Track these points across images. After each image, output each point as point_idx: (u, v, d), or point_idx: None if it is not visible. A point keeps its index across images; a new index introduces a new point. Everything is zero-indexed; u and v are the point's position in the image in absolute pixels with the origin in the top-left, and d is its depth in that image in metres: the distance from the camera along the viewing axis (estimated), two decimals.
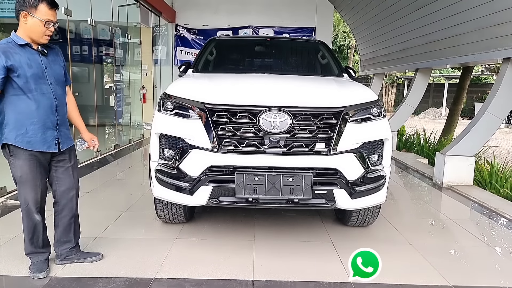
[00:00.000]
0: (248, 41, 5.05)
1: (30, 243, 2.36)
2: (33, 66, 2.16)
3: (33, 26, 2.13)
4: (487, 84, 23.17)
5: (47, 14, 2.13)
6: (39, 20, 2.11)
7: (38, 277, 2.33)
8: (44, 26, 2.13)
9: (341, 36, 26.02)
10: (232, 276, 2.43)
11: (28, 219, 2.30)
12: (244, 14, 9.70)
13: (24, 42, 2.14)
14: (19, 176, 2.21)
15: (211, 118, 2.58)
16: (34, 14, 2.11)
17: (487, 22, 4.81)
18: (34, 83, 2.16)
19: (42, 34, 2.16)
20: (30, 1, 2.09)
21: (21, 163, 2.19)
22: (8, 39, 2.14)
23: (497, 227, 3.65)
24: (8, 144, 2.18)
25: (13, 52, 2.11)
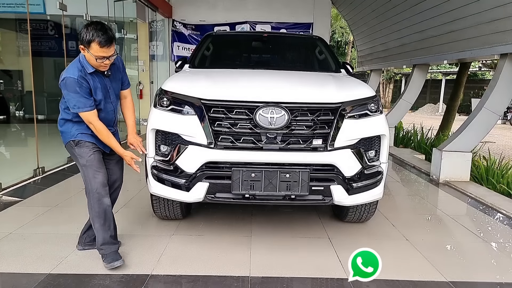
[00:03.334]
0: (245, 37, 5.02)
1: (102, 230, 2.41)
2: (101, 90, 2.39)
3: (89, 59, 2.29)
4: (484, 80, 23.22)
5: (98, 52, 2.23)
6: (92, 56, 2.25)
7: (116, 265, 2.36)
8: (96, 61, 2.27)
9: (338, 32, 25.97)
10: (229, 273, 2.43)
11: (99, 204, 2.38)
12: (241, 10, 9.64)
13: (92, 70, 2.32)
14: (85, 161, 2.37)
15: (207, 114, 2.56)
16: (88, 49, 2.24)
17: (484, 18, 4.80)
18: (102, 105, 2.41)
19: (98, 66, 2.32)
20: (85, 39, 2.23)
21: (85, 149, 2.39)
22: (78, 65, 2.30)
23: (493, 222, 3.67)
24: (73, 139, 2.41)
25: (88, 79, 2.32)
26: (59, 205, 3.65)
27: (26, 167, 4.62)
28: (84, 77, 2.29)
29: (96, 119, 2.35)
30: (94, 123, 2.35)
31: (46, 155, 5.03)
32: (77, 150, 2.41)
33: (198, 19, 9.70)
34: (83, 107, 2.30)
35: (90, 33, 2.21)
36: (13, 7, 8.38)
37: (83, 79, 2.29)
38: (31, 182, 4.38)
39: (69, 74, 2.27)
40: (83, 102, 2.29)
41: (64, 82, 2.28)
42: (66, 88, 2.28)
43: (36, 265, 2.46)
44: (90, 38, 2.21)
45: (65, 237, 2.88)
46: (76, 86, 2.26)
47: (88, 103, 2.31)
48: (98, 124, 2.37)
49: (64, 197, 3.92)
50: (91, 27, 2.23)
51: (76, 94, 2.26)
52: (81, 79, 2.28)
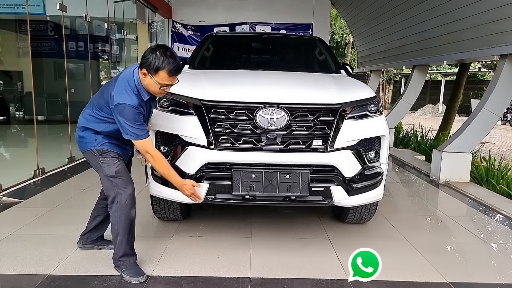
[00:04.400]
0: (245, 38, 5.02)
1: (126, 243, 2.32)
2: (146, 112, 2.27)
3: (149, 85, 2.15)
4: (484, 81, 23.23)
5: (165, 80, 2.12)
6: (155, 83, 2.12)
7: (141, 280, 2.29)
8: (159, 89, 2.15)
9: (338, 32, 26.00)
10: (229, 274, 2.43)
11: (126, 216, 2.27)
12: (241, 10, 9.65)
13: (148, 97, 2.21)
14: (115, 171, 2.25)
15: (207, 115, 2.56)
16: (153, 76, 2.11)
17: (484, 19, 4.81)
18: None
19: (157, 93, 2.22)
20: (153, 65, 2.08)
21: (112, 159, 2.27)
22: (135, 90, 2.15)
23: (494, 223, 3.67)
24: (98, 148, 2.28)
25: (142, 105, 2.19)
26: (59, 206, 3.65)
27: (26, 168, 4.61)
28: (140, 103, 2.16)
29: (153, 146, 2.23)
30: (151, 152, 2.20)
31: (46, 156, 5.03)
32: (101, 159, 2.27)
33: (198, 20, 9.72)
34: (141, 135, 2.15)
35: (160, 59, 2.07)
36: (13, 8, 8.39)
37: (140, 106, 2.16)
38: (31, 183, 4.37)
39: (128, 101, 2.09)
40: (141, 130, 2.15)
41: (122, 108, 2.09)
42: (122, 115, 2.11)
43: (36, 266, 2.46)
44: (160, 65, 2.07)
45: (65, 238, 2.87)
46: (135, 115, 2.11)
47: (145, 130, 2.18)
48: (157, 153, 2.23)
49: (64, 198, 3.92)
50: (161, 52, 2.08)
51: (134, 122, 2.11)
52: (139, 106, 2.14)
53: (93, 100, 2.33)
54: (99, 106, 2.24)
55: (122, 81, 2.15)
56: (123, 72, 2.23)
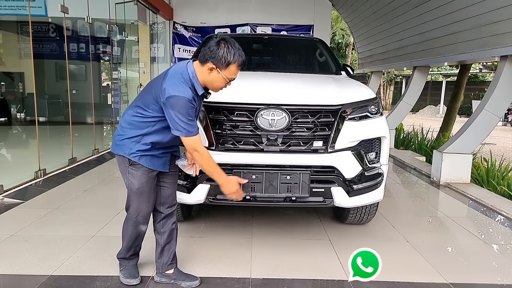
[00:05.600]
0: (246, 39, 5.03)
1: (127, 250, 2.31)
2: (197, 110, 2.10)
3: (215, 80, 2.02)
4: (484, 82, 23.20)
5: (233, 74, 2.02)
6: (223, 77, 2.00)
7: (132, 283, 2.27)
8: (225, 83, 2.04)
9: (339, 34, 26.01)
10: (229, 274, 2.43)
11: (134, 228, 2.23)
12: (242, 12, 9.68)
13: (202, 92, 2.05)
14: (136, 188, 2.13)
15: (208, 116, 2.58)
16: (221, 71, 1.98)
17: (484, 20, 4.81)
18: None
19: (219, 89, 2.09)
20: (225, 59, 1.95)
21: (140, 174, 2.11)
22: (189, 84, 1.98)
23: (494, 224, 3.67)
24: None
25: (195, 100, 2.03)
26: (60, 207, 3.66)
27: (28, 169, 4.63)
28: (195, 98, 2.01)
29: (201, 145, 2.05)
30: (200, 150, 2.02)
31: (48, 157, 5.04)
32: (130, 170, 2.13)
33: (199, 21, 9.74)
34: (193, 131, 1.99)
35: (231, 52, 1.95)
36: (15, 10, 8.42)
37: (194, 101, 2.00)
38: (32, 184, 4.39)
39: (182, 94, 1.94)
40: (192, 126, 1.99)
41: (175, 100, 1.93)
42: (175, 109, 1.94)
43: (38, 266, 2.47)
44: (232, 59, 1.96)
45: (66, 239, 2.89)
46: (189, 109, 1.95)
47: (196, 127, 2.02)
48: (205, 151, 2.06)
49: (66, 199, 3.93)
50: (231, 46, 1.97)
51: (187, 117, 1.95)
52: (193, 100, 1.98)
53: (137, 99, 2.18)
54: (145, 103, 2.07)
55: (175, 74, 2.00)
56: (174, 66, 2.10)
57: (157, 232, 2.34)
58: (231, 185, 2.14)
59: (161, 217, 2.31)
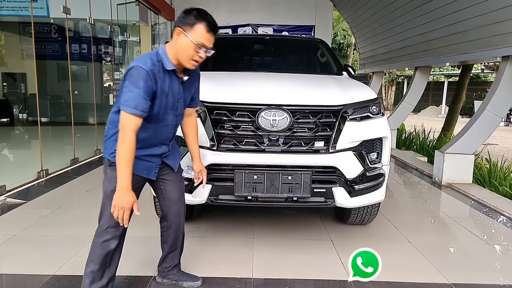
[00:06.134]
0: (247, 40, 5.04)
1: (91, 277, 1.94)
2: (169, 96, 1.89)
3: (182, 46, 1.84)
4: (486, 82, 23.14)
5: (201, 37, 1.83)
6: (191, 41, 1.82)
7: None
8: (194, 49, 1.84)
9: (340, 34, 26.00)
10: (231, 274, 2.44)
11: (101, 245, 1.93)
12: (244, 12, 9.69)
13: (172, 67, 1.86)
14: (110, 190, 1.85)
15: (210, 116, 2.58)
16: (188, 33, 1.82)
17: (486, 20, 4.81)
18: (163, 114, 1.91)
19: (190, 58, 1.86)
20: (190, 19, 1.83)
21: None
22: (157, 57, 1.84)
23: (496, 225, 3.66)
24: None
25: (159, 78, 1.82)
26: (62, 207, 3.67)
27: (30, 169, 4.65)
28: (156, 73, 1.81)
29: (134, 129, 1.77)
30: (127, 133, 1.76)
31: (50, 158, 5.06)
32: (108, 171, 1.93)
33: None
34: (133, 107, 1.75)
35: (196, 14, 1.84)
36: (17, 11, 8.45)
37: (153, 76, 1.79)
38: (35, 185, 4.41)
39: (140, 64, 1.78)
40: (137, 101, 1.76)
41: (130, 72, 1.79)
42: (128, 79, 1.78)
43: (41, 266, 2.48)
44: (196, 19, 1.82)
45: (69, 238, 2.90)
46: (142, 80, 1.75)
47: (142, 106, 1.77)
48: (130, 137, 1.77)
49: (68, 199, 3.95)
50: (199, 10, 1.86)
51: (137, 89, 1.75)
52: (151, 73, 1.78)
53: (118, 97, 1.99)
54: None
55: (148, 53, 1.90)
56: None
57: (162, 240, 2.26)
58: (125, 196, 1.78)
59: (166, 225, 2.22)
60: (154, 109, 1.85)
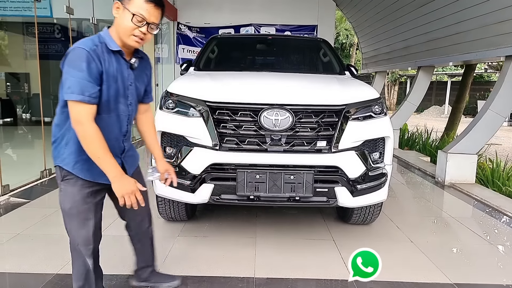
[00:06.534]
0: (249, 39, 5.04)
1: None
2: (118, 81, 1.71)
3: (121, 20, 1.67)
4: (490, 82, 23.04)
5: (140, 8, 1.65)
6: (129, 13, 1.64)
7: None
8: (132, 21, 1.64)
9: (343, 34, 25.96)
10: (233, 273, 2.44)
11: (79, 262, 1.83)
12: (246, 12, 9.68)
13: (116, 48, 1.69)
14: (68, 208, 1.73)
15: (212, 116, 2.59)
16: (126, 5, 1.65)
17: (489, 20, 4.79)
18: (114, 102, 1.71)
19: (129, 33, 1.67)
20: None
21: (73, 191, 1.72)
22: (100, 38, 1.68)
23: (500, 225, 3.65)
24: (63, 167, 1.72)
25: (103, 59, 1.64)
26: None
27: (33, 169, 4.67)
28: (99, 54, 1.62)
29: (90, 118, 1.58)
30: (84, 124, 1.57)
31: None
32: (62, 185, 1.73)
33: (203, 22, 9.76)
34: (79, 92, 1.54)
35: None
36: (20, 11, 8.49)
37: (97, 57, 1.61)
38: (38, 184, 4.43)
39: (80, 45, 1.59)
40: (83, 86, 1.54)
41: (70, 55, 1.58)
42: (68, 63, 1.56)
43: (44, 265, 2.50)
44: None
45: None
46: (83, 61, 1.55)
47: (90, 91, 1.56)
48: (91, 128, 1.58)
49: None
50: None
51: (79, 72, 1.54)
52: (93, 54, 1.59)
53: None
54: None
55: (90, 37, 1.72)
56: None
57: (132, 246, 2.14)
58: (125, 182, 1.66)
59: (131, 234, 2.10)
60: (102, 96, 1.65)
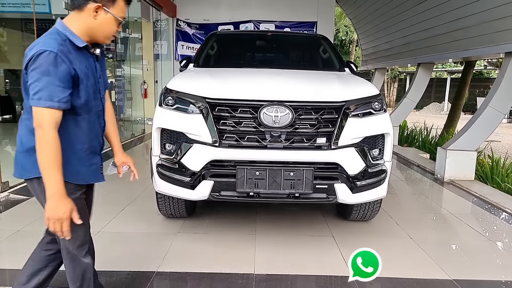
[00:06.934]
0: (249, 36, 5.04)
1: None
2: (90, 77, 1.60)
3: (104, 24, 1.58)
4: (489, 78, 23.05)
5: (123, 11, 1.62)
6: (114, 18, 1.59)
7: None
8: (116, 26, 1.62)
9: (342, 30, 25.90)
10: (233, 270, 2.45)
11: (74, 265, 1.76)
12: (245, 9, 9.65)
13: (83, 44, 1.56)
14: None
15: (212, 112, 2.58)
16: (110, 9, 1.57)
17: (489, 16, 4.78)
18: (92, 100, 1.62)
19: (111, 35, 1.64)
20: None
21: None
22: (61, 35, 1.51)
23: (499, 221, 3.66)
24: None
25: (73, 59, 1.51)
26: None
27: None
28: (67, 54, 1.48)
29: (54, 125, 1.44)
30: (45, 129, 1.43)
31: None
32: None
33: (202, 18, 9.73)
34: (48, 98, 1.42)
35: None
36: (19, 7, 8.46)
37: (66, 57, 1.47)
38: None
39: (45, 47, 1.44)
40: (51, 91, 1.42)
41: (35, 59, 1.43)
42: (35, 69, 1.43)
43: None
44: None
45: None
46: (51, 65, 1.42)
47: (59, 96, 1.44)
48: (51, 134, 1.44)
49: None
50: None
51: (47, 76, 1.42)
52: (62, 55, 1.46)
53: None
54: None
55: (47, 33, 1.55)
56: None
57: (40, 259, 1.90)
58: (60, 205, 1.54)
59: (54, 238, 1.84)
60: (81, 97, 1.55)
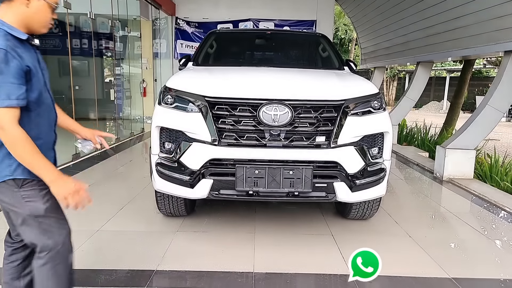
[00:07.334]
0: (248, 34, 5.02)
1: None
2: (38, 70, 1.55)
3: (38, 11, 1.51)
4: (488, 77, 23.06)
5: None
6: (48, 4, 1.52)
7: None
8: (51, 12, 1.56)
9: (342, 29, 25.87)
10: (233, 268, 2.45)
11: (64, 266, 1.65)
12: (245, 7, 9.64)
13: (25, 36, 1.50)
14: (44, 209, 1.55)
15: (211, 111, 2.58)
16: None
17: (488, 15, 4.79)
18: (43, 98, 1.56)
19: (47, 23, 1.57)
20: None
21: (38, 192, 1.55)
22: (1, 31, 1.44)
23: (497, 220, 3.67)
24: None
25: (21, 53, 1.46)
26: None
27: None
28: (14, 48, 1.43)
29: (15, 122, 1.41)
30: (9, 129, 1.39)
31: None
32: (23, 193, 1.52)
33: (201, 17, 9.72)
34: (5, 98, 1.38)
35: None
36: None
37: (15, 52, 1.42)
38: None
39: None
40: (7, 89, 1.39)
41: None
42: None
43: None
44: None
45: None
46: (1, 63, 1.38)
47: (16, 93, 1.40)
48: (17, 132, 1.41)
49: None
50: None
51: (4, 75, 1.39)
52: (11, 51, 1.41)
53: None
54: None
55: None
56: None
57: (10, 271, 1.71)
58: (65, 182, 1.53)
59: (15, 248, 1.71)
60: (34, 91, 1.49)
